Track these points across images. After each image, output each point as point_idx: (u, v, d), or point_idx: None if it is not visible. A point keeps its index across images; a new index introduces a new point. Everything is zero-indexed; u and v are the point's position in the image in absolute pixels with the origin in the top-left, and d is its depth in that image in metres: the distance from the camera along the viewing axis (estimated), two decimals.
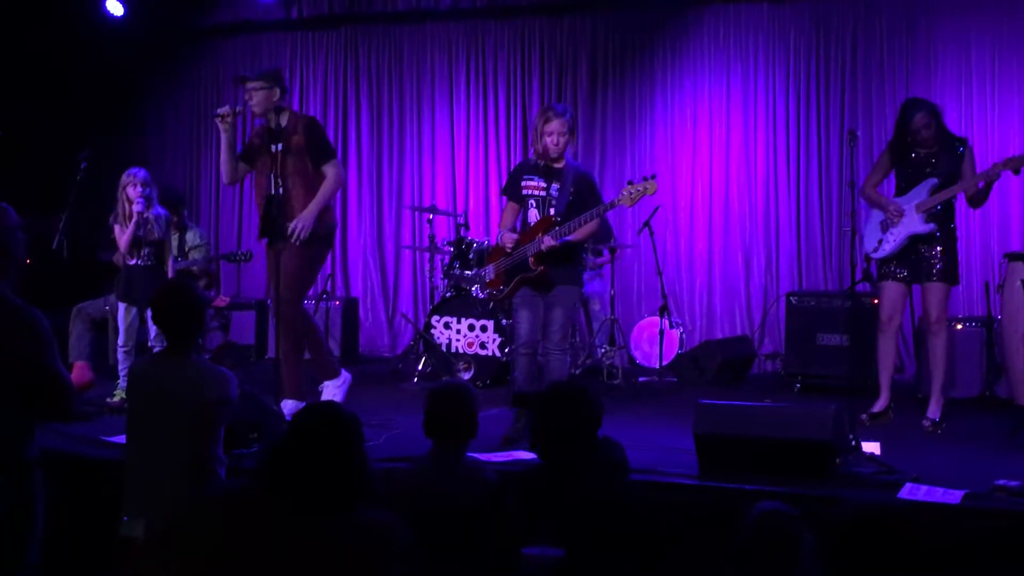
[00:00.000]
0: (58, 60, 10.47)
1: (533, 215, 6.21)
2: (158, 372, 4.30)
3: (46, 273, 7.83)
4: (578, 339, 8.78)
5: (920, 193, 6.50)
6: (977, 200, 6.53)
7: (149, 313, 6.06)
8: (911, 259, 6.55)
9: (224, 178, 6.71)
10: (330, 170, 6.54)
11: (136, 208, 7.01)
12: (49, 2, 10.16)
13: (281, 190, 6.49)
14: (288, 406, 6.40)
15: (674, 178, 9.88)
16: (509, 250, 6.21)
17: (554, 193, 6.12)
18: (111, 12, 10.34)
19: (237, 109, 6.55)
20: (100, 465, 5.53)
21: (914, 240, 6.51)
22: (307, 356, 6.72)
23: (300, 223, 6.39)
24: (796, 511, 3.31)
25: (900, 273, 6.59)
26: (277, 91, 6.56)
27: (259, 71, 6.85)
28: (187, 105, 11.39)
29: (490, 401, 7.32)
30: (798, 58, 9.57)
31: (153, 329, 6.85)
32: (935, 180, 6.47)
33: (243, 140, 10.44)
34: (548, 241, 5.96)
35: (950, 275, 6.53)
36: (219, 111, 6.49)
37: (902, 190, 6.60)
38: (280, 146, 6.51)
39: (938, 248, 6.50)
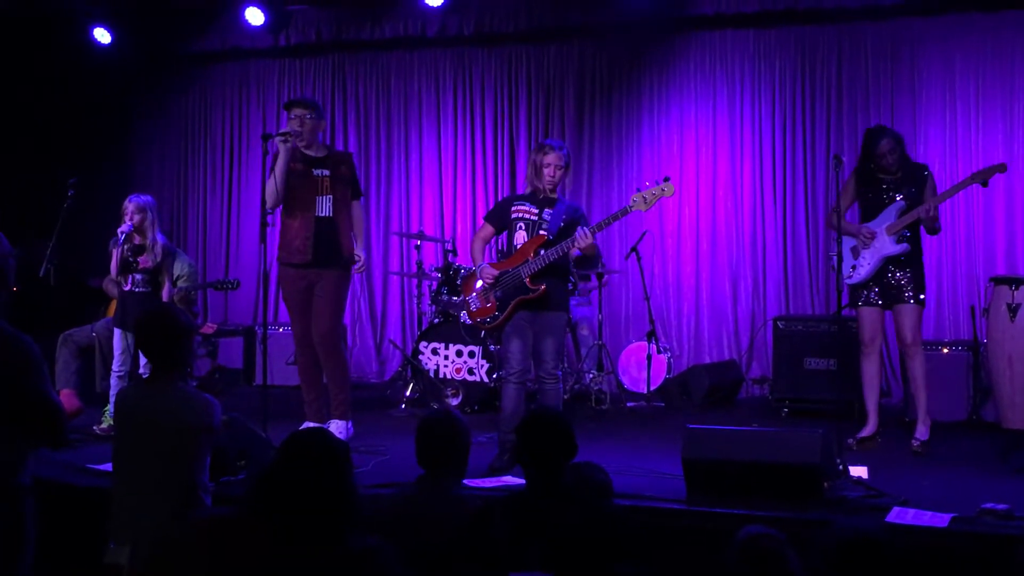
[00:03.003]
0: (46, 87, 10.49)
1: (521, 237, 6.20)
2: (142, 398, 4.29)
3: (33, 300, 7.80)
4: (566, 365, 8.78)
5: (889, 216, 6.59)
6: (933, 227, 6.62)
7: None
8: (883, 283, 6.63)
9: (270, 201, 6.67)
10: (358, 209, 6.96)
11: (120, 229, 7.10)
12: (37, 29, 10.17)
13: (331, 213, 6.73)
14: (335, 426, 6.70)
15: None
16: (495, 277, 6.21)
17: (546, 217, 6.14)
18: (99, 40, 10.37)
19: (291, 132, 6.69)
20: (86, 493, 5.51)
21: (887, 262, 6.59)
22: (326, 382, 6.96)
23: (359, 256, 6.85)
24: (782, 534, 3.31)
25: (874, 298, 6.66)
26: (323, 122, 6.95)
27: (306, 99, 7.02)
28: (175, 131, 11.38)
29: (478, 427, 7.31)
30: (783, 83, 9.61)
31: (143, 356, 6.87)
32: (902, 203, 6.57)
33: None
34: (582, 230, 5.92)
35: (920, 297, 6.62)
36: (284, 130, 6.65)
37: (869, 215, 6.70)
38: (327, 172, 6.74)
39: (908, 271, 6.59)
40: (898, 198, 6.59)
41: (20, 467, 3.54)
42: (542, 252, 6.07)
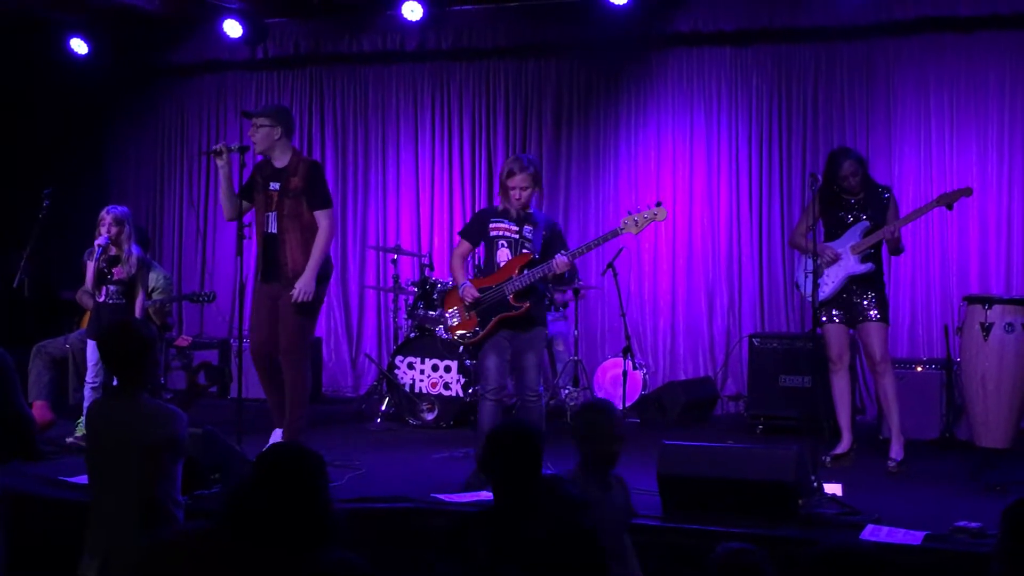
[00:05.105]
0: (22, 97, 10.44)
1: (504, 255, 6.19)
2: (107, 411, 4.26)
3: (6, 311, 7.75)
4: (544, 380, 8.77)
5: (853, 236, 6.68)
6: (897, 247, 6.71)
7: None
8: (846, 303, 6.69)
9: (224, 214, 6.70)
10: (323, 220, 6.50)
11: (97, 242, 7.07)
12: (13, 39, 10.13)
13: (275, 230, 6.51)
14: (276, 436, 6.51)
15: None
16: (477, 296, 6.20)
17: (528, 235, 6.15)
18: (76, 51, 10.33)
19: (233, 146, 6.54)
20: (59, 505, 5.46)
21: (851, 281, 6.66)
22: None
23: (302, 287, 6.37)
24: (760, 550, 3.31)
25: (838, 316, 6.72)
26: (279, 129, 6.52)
27: (263, 107, 6.87)
28: (151, 144, 11.33)
29: (454, 441, 7.32)
30: (760, 100, 9.65)
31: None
32: (867, 223, 6.66)
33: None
34: (561, 258, 5.95)
35: (885, 316, 6.69)
36: (213, 147, 6.51)
37: (833, 235, 6.76)
38: (277, 185, 6.50)
39: (871, 291, 6.67)
40: (863, 218, 6.67)
41: None
42: (526, 272, 6.08)
